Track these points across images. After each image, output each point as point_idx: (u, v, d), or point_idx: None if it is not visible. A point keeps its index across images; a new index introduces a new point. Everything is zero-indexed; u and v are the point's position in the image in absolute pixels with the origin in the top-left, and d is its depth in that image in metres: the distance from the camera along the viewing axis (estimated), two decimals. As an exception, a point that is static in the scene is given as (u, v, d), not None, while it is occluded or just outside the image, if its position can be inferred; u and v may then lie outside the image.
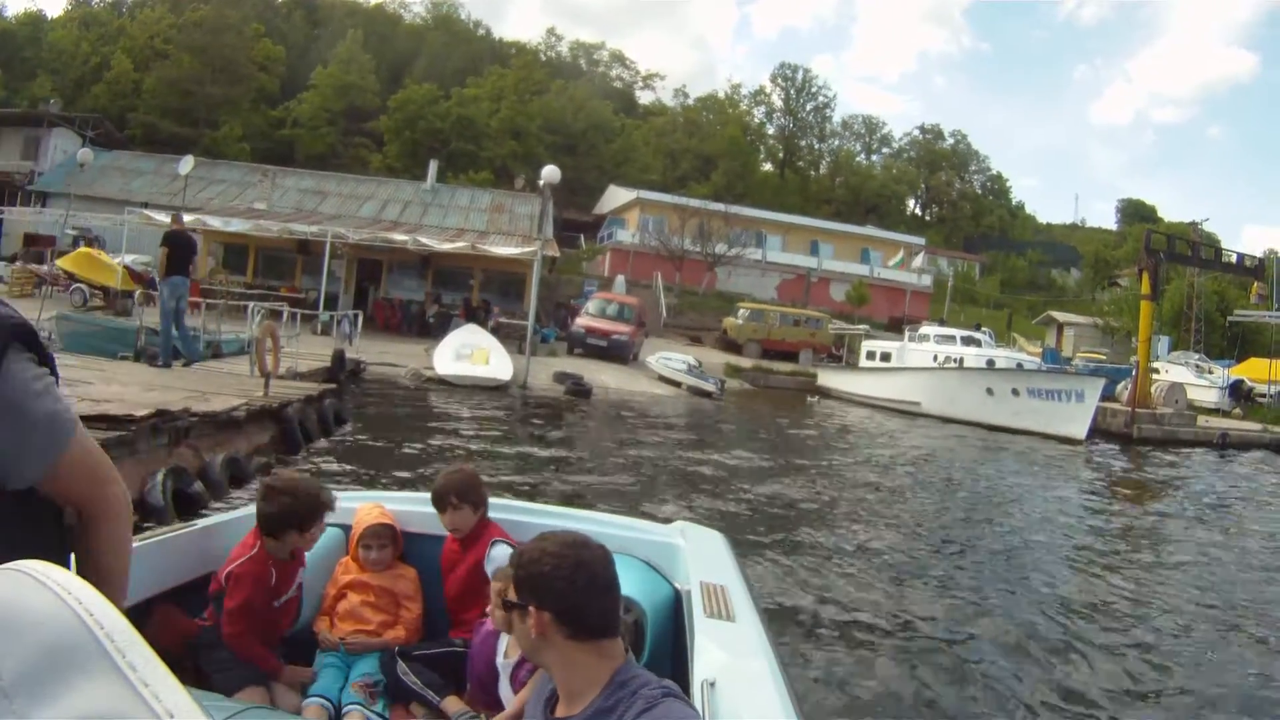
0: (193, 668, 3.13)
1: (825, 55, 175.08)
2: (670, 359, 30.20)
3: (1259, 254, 42.54)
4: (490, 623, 3.14)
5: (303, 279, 35.26)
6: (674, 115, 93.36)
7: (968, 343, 32.44)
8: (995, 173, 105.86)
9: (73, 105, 62.54)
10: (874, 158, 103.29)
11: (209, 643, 3.25)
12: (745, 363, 37.59)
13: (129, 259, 29.65)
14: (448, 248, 32.71)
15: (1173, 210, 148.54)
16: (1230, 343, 50.59)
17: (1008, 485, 16.62)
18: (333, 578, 3.77)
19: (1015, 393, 26.72)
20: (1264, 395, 39.31)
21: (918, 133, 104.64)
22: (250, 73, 73.18)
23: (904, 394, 30.15)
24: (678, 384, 28.42)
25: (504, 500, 4.06)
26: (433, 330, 30.74)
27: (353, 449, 12.73)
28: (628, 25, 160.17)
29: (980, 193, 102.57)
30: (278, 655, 3.41)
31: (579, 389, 23.53)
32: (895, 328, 44.68)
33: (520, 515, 3.88)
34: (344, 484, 9.94)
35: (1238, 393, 39.05)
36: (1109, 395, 29.49)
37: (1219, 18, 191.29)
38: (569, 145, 74.68)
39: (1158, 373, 35.30)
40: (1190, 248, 35.53)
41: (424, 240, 32.72)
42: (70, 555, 1.73)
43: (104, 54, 71.49)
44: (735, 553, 4.03)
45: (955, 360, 30.97)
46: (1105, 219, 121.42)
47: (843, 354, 40.85)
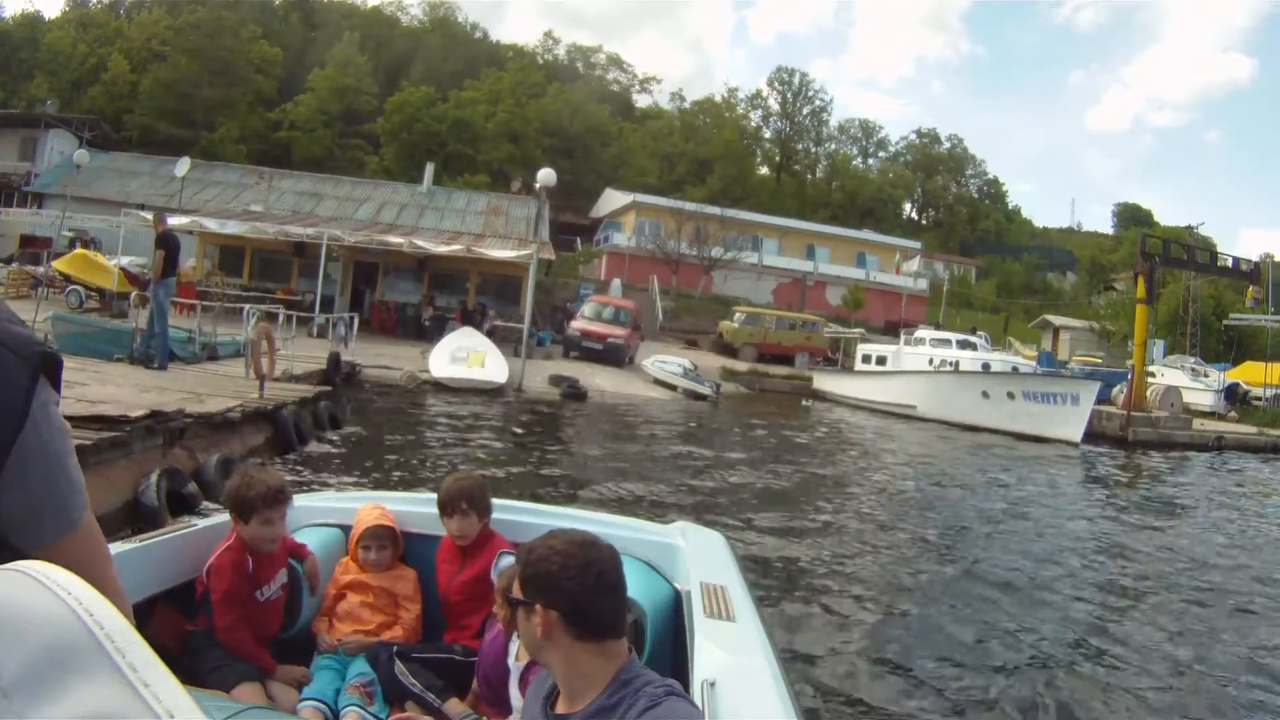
0: (187, 668, 3.12)
1: (823, 60, 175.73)
2: (666, 362, 30.19)
3: (1255, 258, 42.58)
4: (499, 624, 3.14)
5: (299, 281, 35.24)
6: (671, 119, 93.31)
7: (963, 346, 32.49)
8: (991, 177, 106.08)
9: (69, 106, 62.53)
10: (870, 162, 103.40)
11: (200, 645, 3.25)
12: (741, 366, 37.67)
13: (125, 261, 29.62)
14: (444, 250, 32.69)
15: (1169, 214, 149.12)
16: (1226, 346, 50.72)
17: (1002, 488, 16.61)
18: (332, 578, 3.77)
19: (1011, 396, 26.74)
20: (1260, 398, 39.37)
21: (914, 137, 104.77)
22: (247, 75, 73.06)
23: (899, 397, 30.17)
24: (673, 387, 28.42)
25: (503, 501, 4.06)
26: (428, 333, 30.72)
27: (348, 451, 12.72)
28: (625, 29, 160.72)
29: (976, 197, 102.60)
30: (271, 655, 3.40)
31: (574, 392, 23.55)
32: (891, 331, 44.63)
33: (520, 516, 3.88)
34: (343, 485, 9.95)
35: (1233, 396, 39.09)
36: (1105, 399, 29.52)
37: (1216, 23, 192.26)
38: (566, 148, 74.65)
39: (1153, 376, 35.35)
40: (1186, 252, 35.60)
41: (420, 243, 32.72)
42: None
43: (101, 55, 71.37)
44: (735, 553, 4.03)
45: (951, 364, 31.01)
46: (1101, 223, 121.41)
47: (838, 357, 40.86)
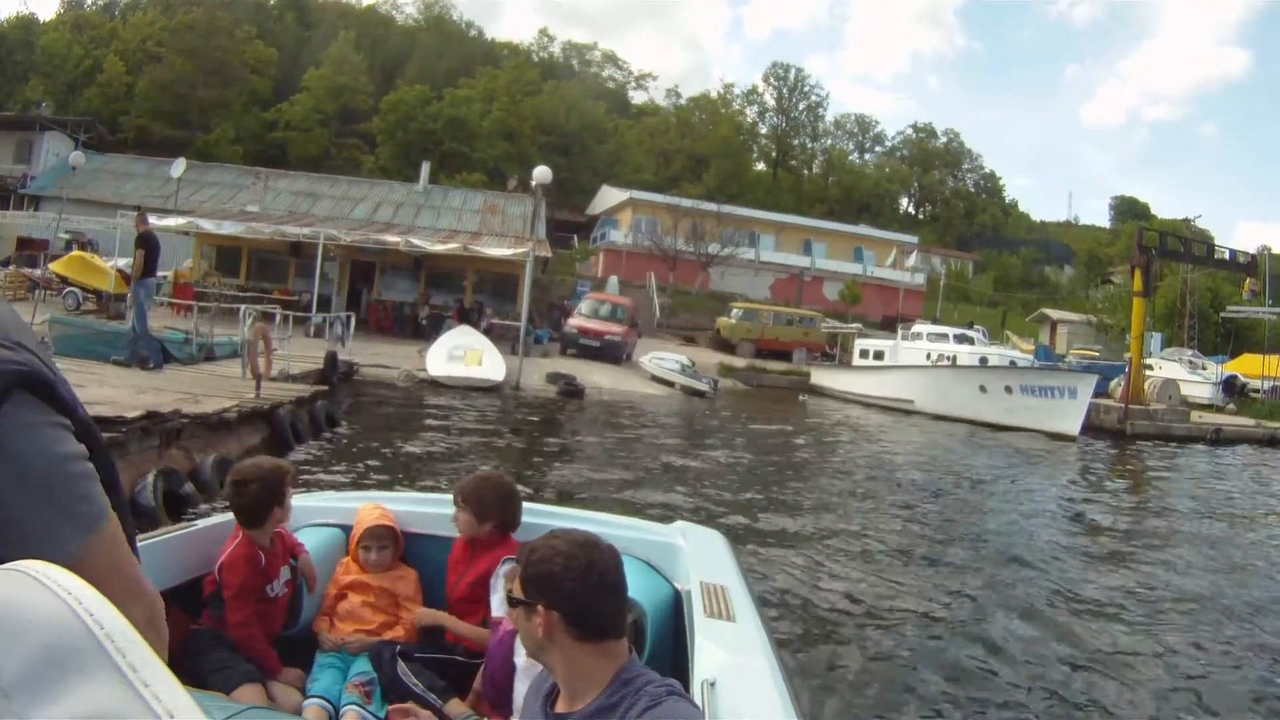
0: (189, 669, 3.11)
1: (818, 55, 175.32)
2: (663, 359, 30.20)
3: (1253, 250, 42.56)
4: (508, 622, 3.14)
5: (296, 281, 35.15)
6: (667, 115, 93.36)
7: (960, 340, 32.47)
8: (988, 171, 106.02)
9: (65, 108, 62.59)
10: (867, 157, 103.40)
11: (203, 645, 3.25)
12: (739, 362, 37.67)
13: (122, 262, 29.54)
14: (440, 249, 32.67)
15: (1166, 208, 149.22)
16: (1224, 339, 50.77)
17: (1001, 481, 16.62)
18: (333, 578, 3.78)
19: (1008, 390, 26.74)
20: (1258, 391, 39.40)
21: (910, 131, 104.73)
22: (242, 75, 73.01)
23: (897, 392, 30.17)
24: (671, 384, 28.42)
25: None
26: (426, 332, 30.71)
27: (345, 450, 12.73)
28: (620, 26, 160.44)
29: (973, 191, 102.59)
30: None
31: (572, 389, 23.53)
32: (889, 326, 44.70)
33: (523, 516, 3.87)
34: (340, 485, 9.96)
35: (1231, 388, 39.10)
36: (1102, 392, 29.54)
37: (1211, 16, 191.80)
38: (562, 146, 74.62)
39: (1151, 369, 35.36)
40: (1182, 244, 35.60)
41: (416, 242, 32.67)
42: None
43: (96, 57, 71.35)
44: (735, 553, 4.03)
45: (948, 358, 30.99)
46: (1099, 217, 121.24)
47: (836, 353, 40.86)
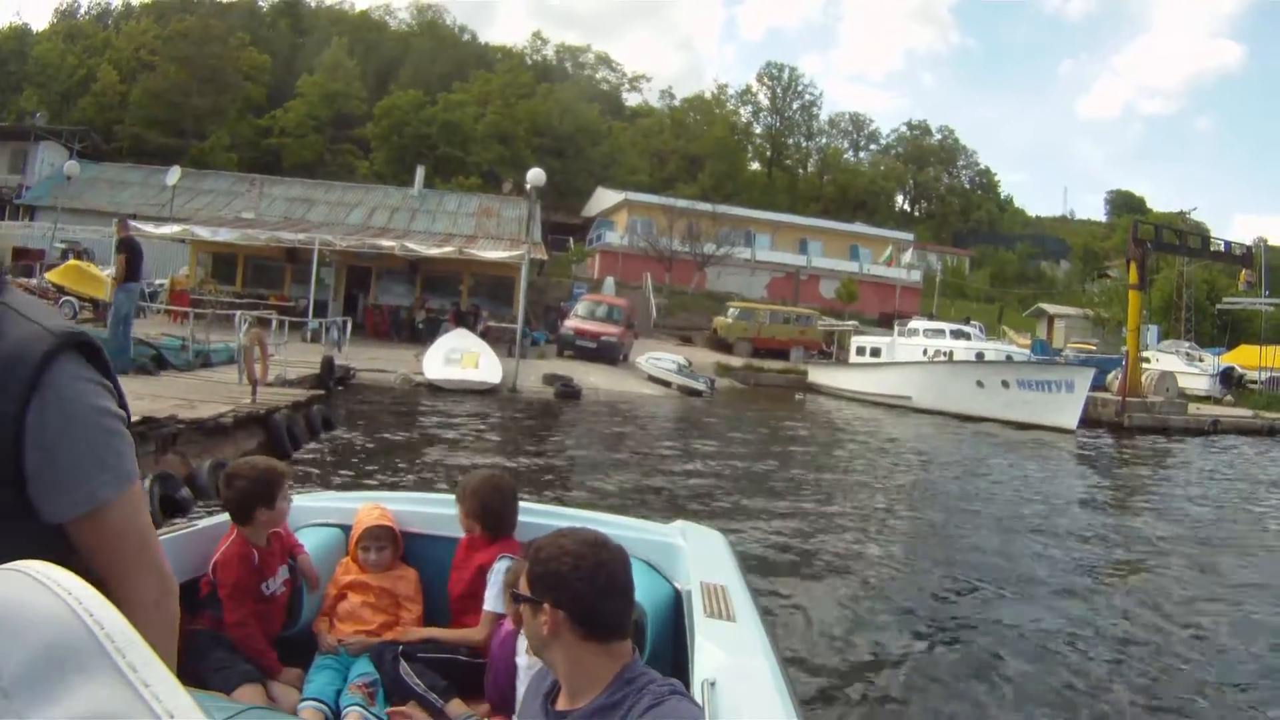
0: (188, 669, 3.05)
1: (812, 54, 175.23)
2: (660, 359, 30.21)
3: (1249, 242, 42.61)
4: (510, 622, 3.15)
5: (292, 287, 35.20)
6: (661, 116, 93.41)
7: (957, 336, 32.51)
8: (983, 167, 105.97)
9: (59, 118, 62.59)
10: (862, 155, 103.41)
11: (202, 645, 3.24)
12: (736, 361, 37.69)
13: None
14: (436, 253, 32.67)
15: (1162, 201, 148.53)
16: (1221, 330, 50.83)
17: (999, 477, 16.62)
18: (333, 578, 3.77)
19: (1005, 385, 26.77)
20: (1255, 382, 39.48)
21: (905, 129, 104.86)
22: (236, 82, 72.98)
23: (894, 389, 30.20)
24: (668, 384, 28.44)
25: None
26: (422, 336, 30.75)
27: (342, 453, 12.76)
28: (614, 28, 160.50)
29: (969, 187, 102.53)
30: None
31: (568, 391, 23.54)
32: (885, 323, 44.68)
33: (523, 516, 3.84)
34: (337, 488, 9.96)
35: (1229, 380, 39.19)
36: (1100, 385, 29.60)
37: (1205, 9, 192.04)
38: (556, 148, 74.55)
39: (1148, 362, 35.41)
40: (1178, 237, 35.67)
41: (412, 246, 32.69)
42: None
43: (90, 66, 71.30)
44: (735, 552, 4.03)
45: (945, 354, 31.02)
46: (1094, 211, 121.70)
47: (833, 351, 40.88)
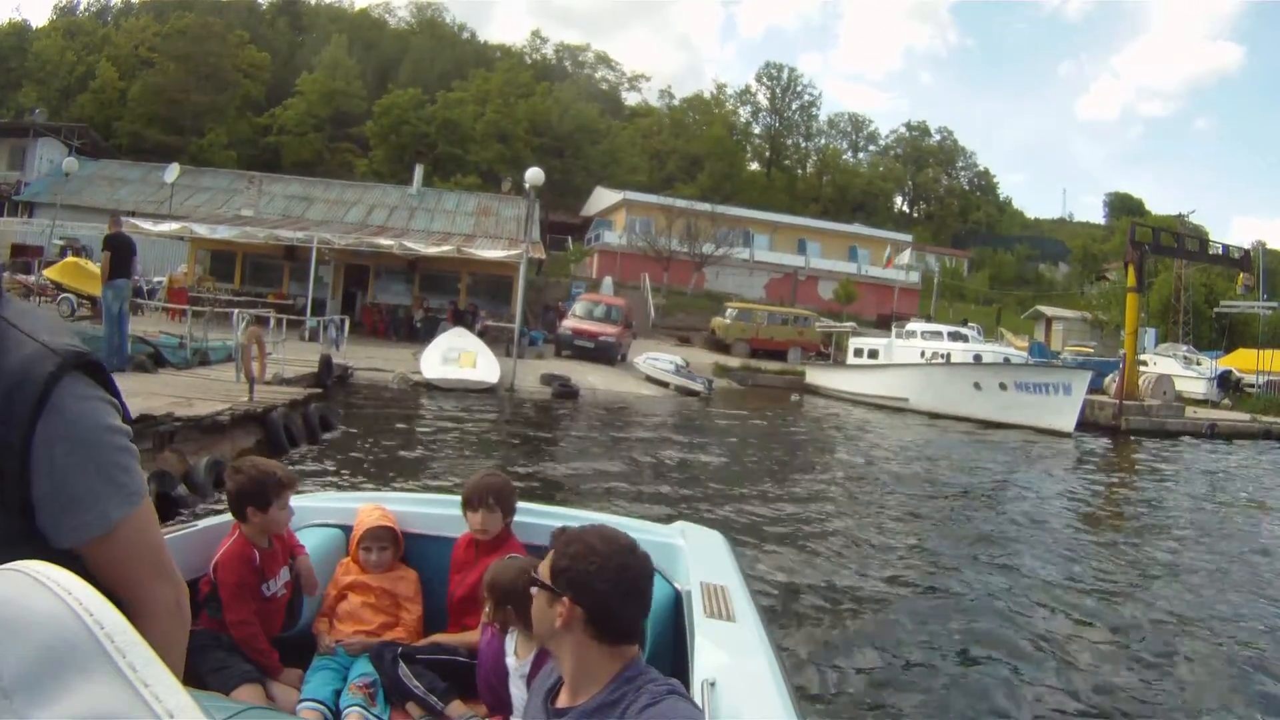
0: (187, 669, 3.10)
1: (812, 54, 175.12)
2: (658, 359, 30.19)
3: (1248, 245, 42.65)
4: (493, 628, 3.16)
5: (290, 285, 35.18)
6: (660, 116, 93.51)
7: (954, 338, 32.46)
8: (982, 169, 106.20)
9: (58, 115, 62.61)
10: (860, 155, 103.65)
11: (202, 645, 3.23)
12: (733, 362, 37.63)
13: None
14: (434, 252, 32.65)
15: (1161, 203, 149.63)
16: (1219, 334, 50.83)
17: (996, 478, 16.65)
18: (333, 579, 3.78)
19: (1003, 387, 26.78)
20: (1252, 386, 39.47)
21: (904, 130, 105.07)
22: (235, 80, 73.06)
23: (892, 390, 30.20)
24: (665, 384, 28.42)
25: None
26: (420, 335, 30.76)
27: (339, 453, 12.75)
28: (613, 27, 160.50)
29: (967, 189, 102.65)
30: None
31: (566, 390, 23.53)
32: (883, 325, 44.73)
33: (522, 516, 3.85)
34: (334, 486, 9.97)
35: (1226, 383, 39.15)
36: (1097, 388, 29.62)
37: (1204, 11, 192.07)
38: (555, 148, 74.56)
39: (1145, 365, 35.43)
40: (1175, 240, 35.69)
41: (410, 245, 32.69)
42: None
43: (89, 63, 71.29)
44: (735, 553, 4.04)
45: (942, 356, 31.00)
46: (1093, 213, 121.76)
47: (831, 352, 40.86)
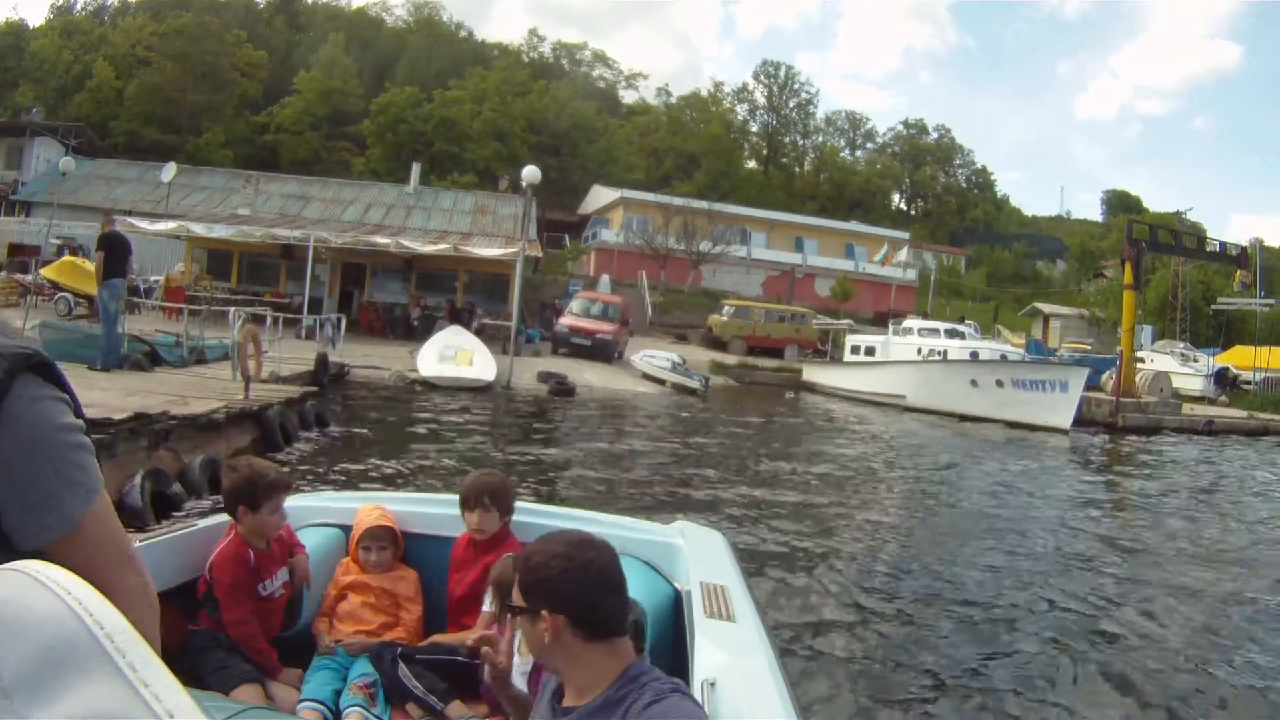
0: (187, 669, 3.12)
1: (810, 52, 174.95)
2: (654, 357, 30.21)
3: (1245, 242, 42.71)
4: (499, 627, 3.16)
5: (287, 284, 35.17)
6: (657, 114, 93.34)
7: (951, 335, 32.52)
8: (980, 166, 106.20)
9: (55, 114, 62.54)
10: (858, 153, 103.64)
11: (201, 645, 3.26)
12: (730, 359, 37.71)
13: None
14: (431, 250, 32.67)
15: (1159, 201, 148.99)
16: (1216, 331, 50.85)
17: (992, 477, 16.61)
18: (333, 579, 3.78)
19: (999, 384, 26.80)
20: (1249, 382, 39.52)
21: (902, 128, 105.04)
22: (232, 79, 72.91)
23: (889, 387, 30.23)
24: (662, 382, 28.45)
25: None
26: (417, 333, 30.75)
27: (335, 451, 12.76)
28: (611, 25, 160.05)
29: (965, 186, 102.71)
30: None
31: (562, 388, 23.56)
32: (881, 322, 44.71)
33: (520, 515, 3.85)
34: (329, 485, 9.98)
35: (1223, 380, 39.21)
36: (1094, 385, 29.65)
37: (1203, 9, 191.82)
38: (553, 146, 74.40)
39: (1142, 362, 35.49)
40: (1173, 237, 35.76)
41: (407, 243, 32.68)
42: None
43: (86, 62, 71.08)
44: (735, 552, 4.04)
45: (939, 353, 31.05)
46: (1091, 210, 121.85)
47: (828, 349, 40.88)
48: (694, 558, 3.70)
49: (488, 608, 3.42)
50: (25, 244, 36.96)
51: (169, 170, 38.17)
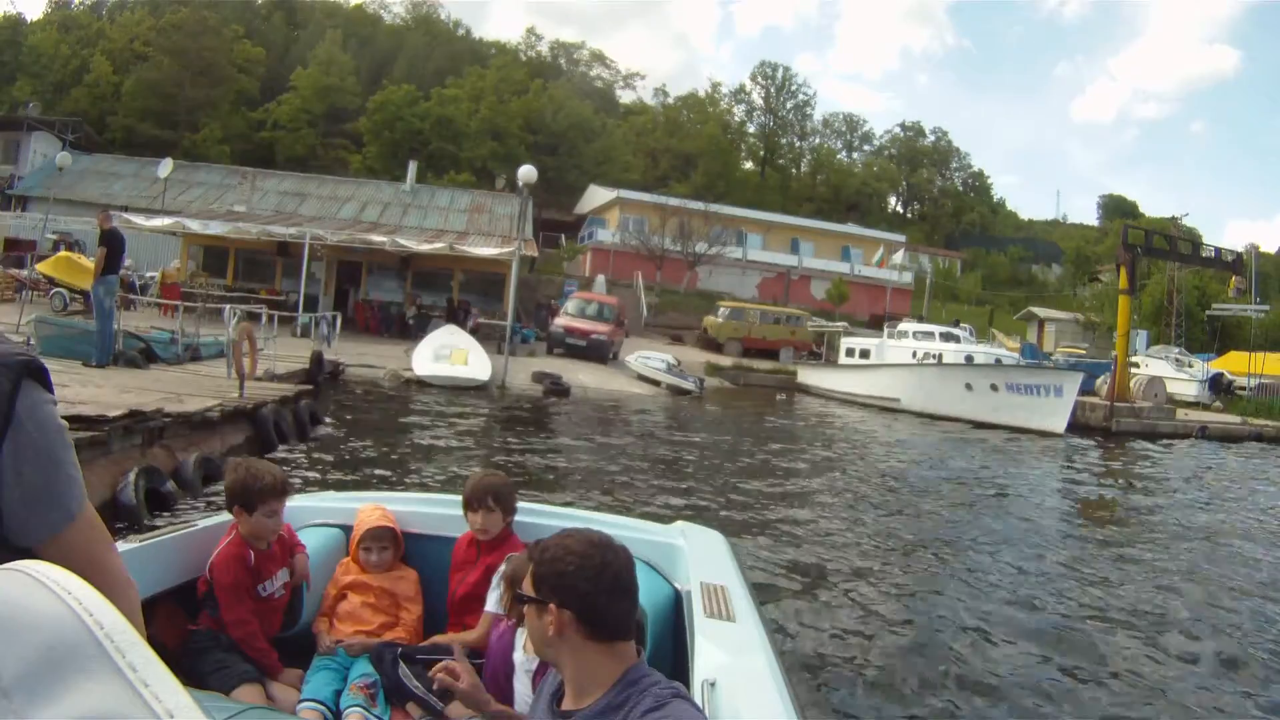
0: (187, 669, 3.13)
1: (808, 54, 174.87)
2: (649, 358, 30.20)
3: (1241, 248, 42.72)
4: (508, 621, 3.17)
5: (283, 281, 35.16)
6: (654, 115, 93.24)
7: (946, 339, 32.48)
8: (976, 170, 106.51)
9: (52, 109, 62.35)
10: (855, 155, 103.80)
11: (202, 645, 3.27)
12: (725, 361, 37.66)
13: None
14: (427, 249, 32.68)
15: (1155, 206, 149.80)
16: (1211, 336, 50.94)
17: (987, 479, 16.66)
18: (333, 579, 3.78)
19: (994, 388, 26.82)
20: (1244, 388, 39.53)
21: (899, 130, 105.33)
22: (230, 75, 72.81)
23: (883, 390, 30.22)
24: (657, 383, 28.45)
25: None
26: (412, 332, 30.72)
27: (329, 449, 12.74)
28: (609, 25, 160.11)
29: (961, 190, 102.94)
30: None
31: (557, 388, 23.57)
32: (876, 325, 44.66)
33: (522, 516, 3.85)
34: (323, 484, 9.98)
35: (1218, 386, 39.24)
36: (1089, 390, 29.66)
37: (1201, 14, 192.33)
38: (549, 145, 74.40)
39: (1137, 367, 35.52)
40: (1168, 242, 35.74)
41: (403, 241, 32.68)
42: None
43: (83, 57, 71.06)
44: (735, 553, 4.05)
45: (934, 356, 31.04)
46: (1087, 215, 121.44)
47: (823, 351, 40.86)
48: (694, 558, 3.71)
49: (490, 607, 3.44)
50: (21, 239, 36.90)
51: (165, 166, 38.13)
